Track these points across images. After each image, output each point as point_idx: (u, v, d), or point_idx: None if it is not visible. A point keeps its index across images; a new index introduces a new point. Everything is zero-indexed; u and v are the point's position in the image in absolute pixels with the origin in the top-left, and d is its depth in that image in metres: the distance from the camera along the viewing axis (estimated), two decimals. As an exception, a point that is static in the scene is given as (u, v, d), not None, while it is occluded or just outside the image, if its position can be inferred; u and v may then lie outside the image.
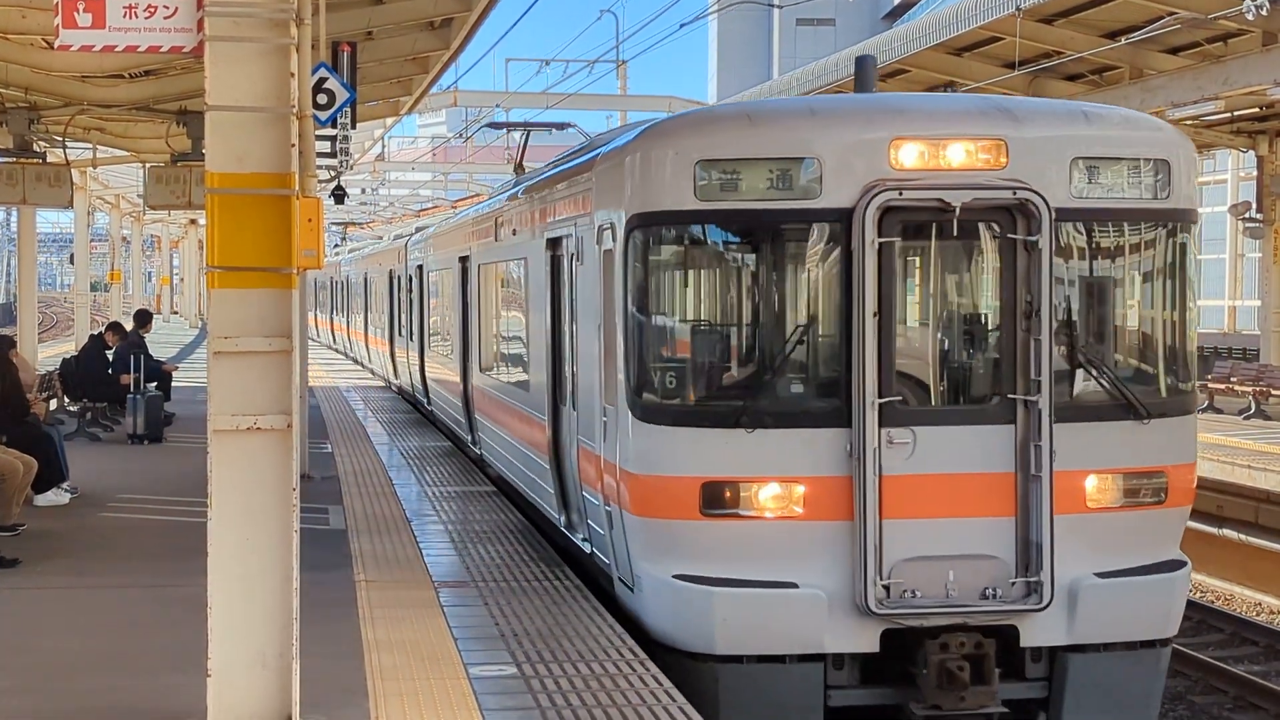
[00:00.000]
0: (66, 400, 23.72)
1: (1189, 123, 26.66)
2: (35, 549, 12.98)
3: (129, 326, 24.29)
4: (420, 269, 25.27)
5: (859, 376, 9.28)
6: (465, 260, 19.21)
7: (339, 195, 31.26)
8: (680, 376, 9.85)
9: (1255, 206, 30.59)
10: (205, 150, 7.79)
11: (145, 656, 9.65)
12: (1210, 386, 27.56)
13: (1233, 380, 27.75)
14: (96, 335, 23.86)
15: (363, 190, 60.45)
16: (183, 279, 76.20)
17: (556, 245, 12.41)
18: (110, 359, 22.89)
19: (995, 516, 9.47)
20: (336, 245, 63.10)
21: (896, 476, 9.33)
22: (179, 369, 28.14)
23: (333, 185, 28.95)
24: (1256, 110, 27.66)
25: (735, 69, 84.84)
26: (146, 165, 22.48)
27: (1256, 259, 33.89)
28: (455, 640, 9.87)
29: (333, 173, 23.11)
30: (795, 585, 9.35)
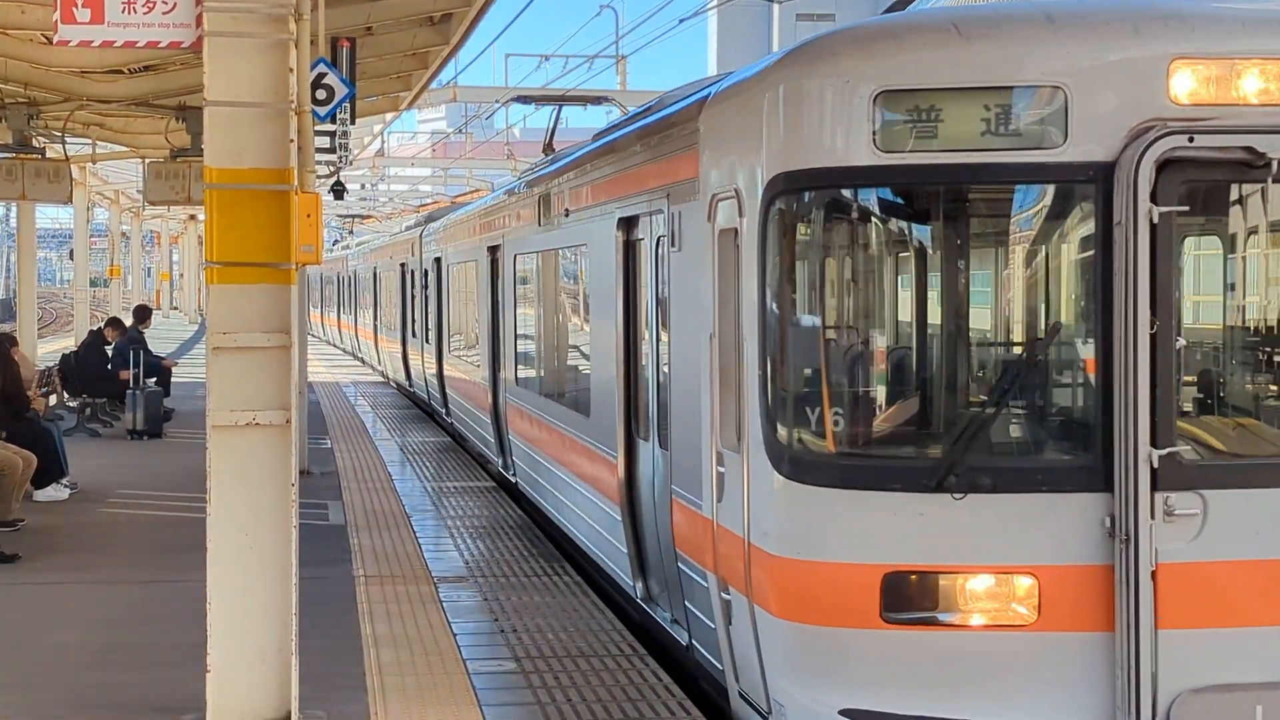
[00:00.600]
0: (66, 396, 23.75)
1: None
2: (34, 544, 13.00)
3: (128, 322, 24.32)
4: (438, 261, 22.84)
5: (1125, 417, 6.43)
6: (495, 250, 16.64)
7: (338, 191, 31.27)
8: (851, 414, 6.96)
9: None
10: (204, 146, 7.80)
11: (145, 652, 9.66)
12: None
13: None
14: (96, 331, 23.94)
15: (362, 186, 60.41)
16: (182, 274, 76.31)
17: (632, 226, 9.94)
18: (110, 355, 22.94)
19: None
20: (337, 241, 63.11)
21: (1179, 564, 6.49)
22: (178, 364, 28.19)
23: (332, 181, 28.95)
24: None
25: (735, 65, 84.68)
26: (146, 161, 22.51)
27: None
28: (455, 635, 9.88)
29: (332, 168, 23.12)
30: None
